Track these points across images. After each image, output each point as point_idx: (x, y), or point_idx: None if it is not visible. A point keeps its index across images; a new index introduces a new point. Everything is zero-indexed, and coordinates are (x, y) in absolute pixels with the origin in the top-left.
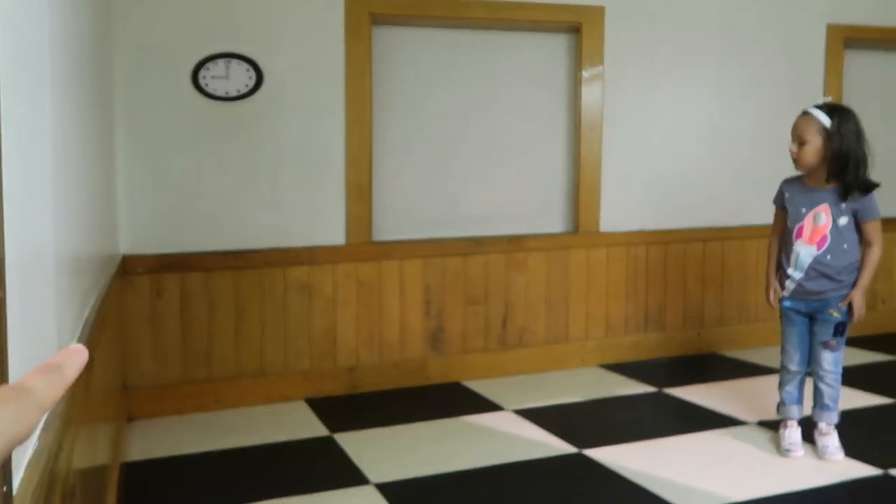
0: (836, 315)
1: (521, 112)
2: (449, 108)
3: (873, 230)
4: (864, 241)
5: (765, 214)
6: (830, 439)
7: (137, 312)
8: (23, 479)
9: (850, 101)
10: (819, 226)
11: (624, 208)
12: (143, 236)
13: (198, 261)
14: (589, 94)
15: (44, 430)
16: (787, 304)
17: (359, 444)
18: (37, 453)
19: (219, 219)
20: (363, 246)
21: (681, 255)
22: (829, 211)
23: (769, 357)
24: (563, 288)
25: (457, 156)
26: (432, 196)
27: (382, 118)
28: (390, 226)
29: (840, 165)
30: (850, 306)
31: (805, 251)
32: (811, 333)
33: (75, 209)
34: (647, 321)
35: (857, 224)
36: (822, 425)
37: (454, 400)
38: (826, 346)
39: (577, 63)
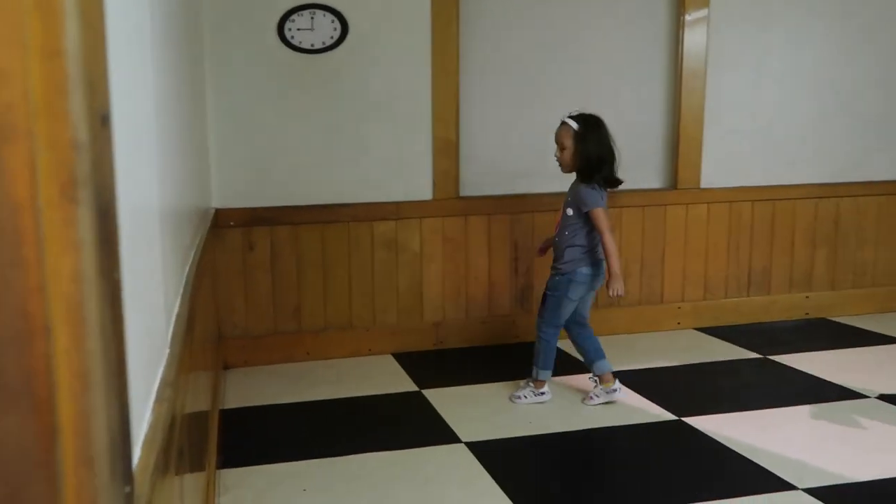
0: (548, 289)
1: (616, 59)
2: (539, 57)
3: (595, 219)
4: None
5: (887, 169)
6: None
7: (230, 265)
8: (152, 415)
9: None
10: (558, 214)
11: (728, 162)
12: (233, 190)
13: (286, 214)
14: (692, 38)
15: (166, 368)
16: None
17: (448, 401)
18: (160, 395)
19: (306, 172)
20: (450, 201)
21: (790, 214)
22: (563, 203)
23: (887, 324)
24: (659, 246)
25: (546, 107)
26: (521, 149)
27: (470, 69)
28: (478, 180)
29: (586, 164)
30: (565, 283)
31: (555, 239)
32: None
33: (176, 166)
34: (749, 283)
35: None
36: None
37: None
38: (539, 313)
39: (679, 5)
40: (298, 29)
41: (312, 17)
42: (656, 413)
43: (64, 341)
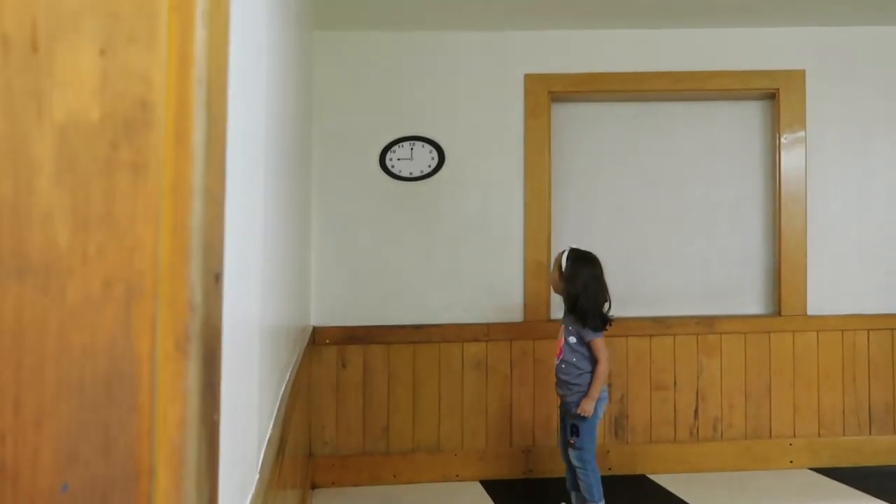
0: (571, 417)
1: (710, 184)
2: (630, 181)
3: (595, 348)
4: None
5: None
6: None
7: (324, 381)
8: None
9: None
10: (559, 341)
11: (836, 288)
12: (331, 309)
13: (380, 334)
14: (789, 162)
15: (254, 497)
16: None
17: None
18: None
19: (400, 293)
20: (541, 323)
21: None
22: (562, 330)
23: None
24: (765, 376)
25: (639, 231)
26: (614, 273)
27: (561, 194)
28: None
29: (569, 297)
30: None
31: (555, 362)
32: None
33: (278, 290)
34: (871, 420)
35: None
36: None
37: (640, 495)
38: (567, 443)
39: (774, 129)
40: (399, 158)
41: (412, 148)
42: None
43: (164, 483)
